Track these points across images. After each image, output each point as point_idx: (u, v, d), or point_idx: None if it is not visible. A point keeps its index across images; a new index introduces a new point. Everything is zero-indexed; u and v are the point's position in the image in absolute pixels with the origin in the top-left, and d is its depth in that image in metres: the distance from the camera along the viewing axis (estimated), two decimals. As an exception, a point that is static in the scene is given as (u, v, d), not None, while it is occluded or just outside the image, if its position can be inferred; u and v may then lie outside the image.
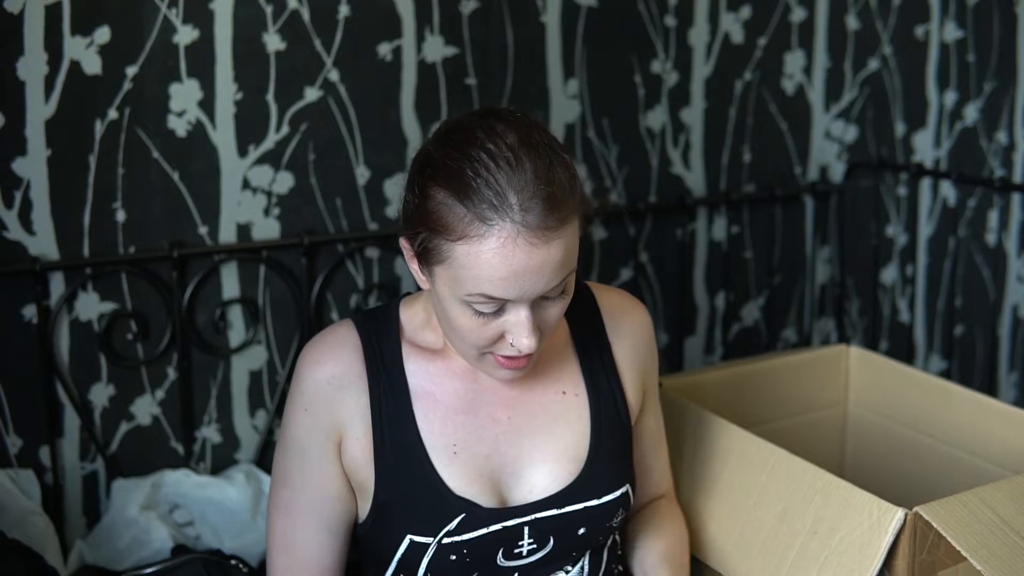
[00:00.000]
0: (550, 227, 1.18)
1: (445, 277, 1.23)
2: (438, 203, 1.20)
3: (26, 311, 1.76)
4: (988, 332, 2.56)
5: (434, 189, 1.21)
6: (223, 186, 1.86)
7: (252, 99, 1.85)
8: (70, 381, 1.80)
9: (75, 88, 1.73)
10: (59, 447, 1.80)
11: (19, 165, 1.71)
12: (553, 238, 1.19)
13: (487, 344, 1.26)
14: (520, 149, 1.19)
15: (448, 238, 1.20)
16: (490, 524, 1.31)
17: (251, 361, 1.93)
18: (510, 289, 1.20)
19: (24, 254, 1.74)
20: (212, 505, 1.82)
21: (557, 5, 2.07)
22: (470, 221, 1.18)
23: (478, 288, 1.20)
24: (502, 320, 1.24)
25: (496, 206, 1.17)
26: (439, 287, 1.26)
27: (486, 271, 1.19)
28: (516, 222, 1.17)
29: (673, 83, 2.21)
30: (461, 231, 1.18)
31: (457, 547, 1.30)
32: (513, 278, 1.19)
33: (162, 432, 1.88)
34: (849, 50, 2.40)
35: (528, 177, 1.18)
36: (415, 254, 1.27)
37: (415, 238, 1.25)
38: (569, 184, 1.21)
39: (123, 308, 1.82)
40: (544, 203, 1.18)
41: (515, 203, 1.17)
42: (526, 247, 1.18)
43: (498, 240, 1.17)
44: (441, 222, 1.20)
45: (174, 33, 1.78)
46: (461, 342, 1.28)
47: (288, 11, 1.85)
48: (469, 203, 1.18)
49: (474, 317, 1.24)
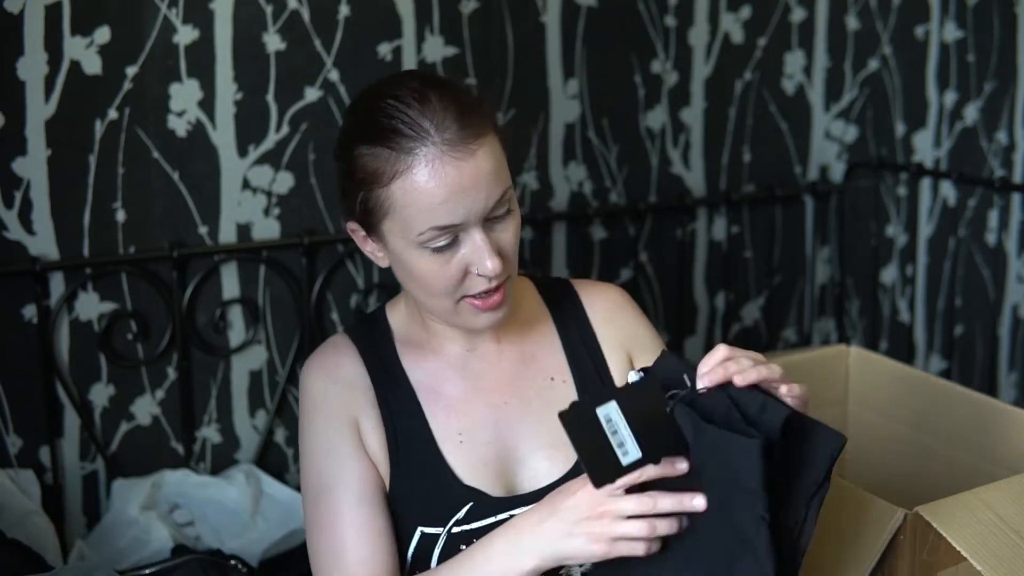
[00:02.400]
0: (469, 139, 1.25)
1: (395, 230, 1.28)
2: (363, 157, 1.27)
3: (26, 311, 1.76)
4: (988, 332, 2.56)
5: (356, 149, 1.28)
6: (223, 186, 1.86)
7: (252, 99, 1.85)
8: (70, 381, 1.80)
9: (75, 88, 1.73)
10: (59, 447, 1.80)
11: (19, 165, 1.72)
12: (476, 149, 1.25)
13: (455, 285, 1.29)
14: (423, 87, 1.28)
15: (381, 184, 1.26)
16: (497, 512, 1.32)
17: (251, 361, 1.93)
18: (455, 210, 1.24)
19: (24, 254, 1.74)
20: (212, 505, 1.82)
21: (557, 5, 2.07)
22: (395, 158, 1.24)
23: (426, 222, 1.25)
24: (461, 254, 1.27)
25: (413, 135, 1.24)
26: (394, 246, 1.30)
27: (426, 199, 1.24)
28: (436, 143, 1.24)
29: (673, 83, 2.21)
30: (391, 171, 1.25)
31: (466, 536, 1.31)
32: (453, 198, 1.24)
33: (162, 432, 1.88)
34: (849, 50, 2.40)
35: (435, 105, 1.26)
36: (361, 226, 1.32)
37: (355, 208, 1.30)
38: (476, 104, 1.29)
39: (123, 308, 1.82)
40: (456, 120, 1.25)
41: (430, 127, 1.24)
42: (453, 163, 1.24)
43: (426, 164, 1.24)
44: (371, 173, 1.26)
45: (174, 33, 1.78)
46: (432, 296, 1.30)
47: (288, 11, 1.85)
48: (389, 143, 1.25)
49: (434, 258, 1.27)
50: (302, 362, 1.90)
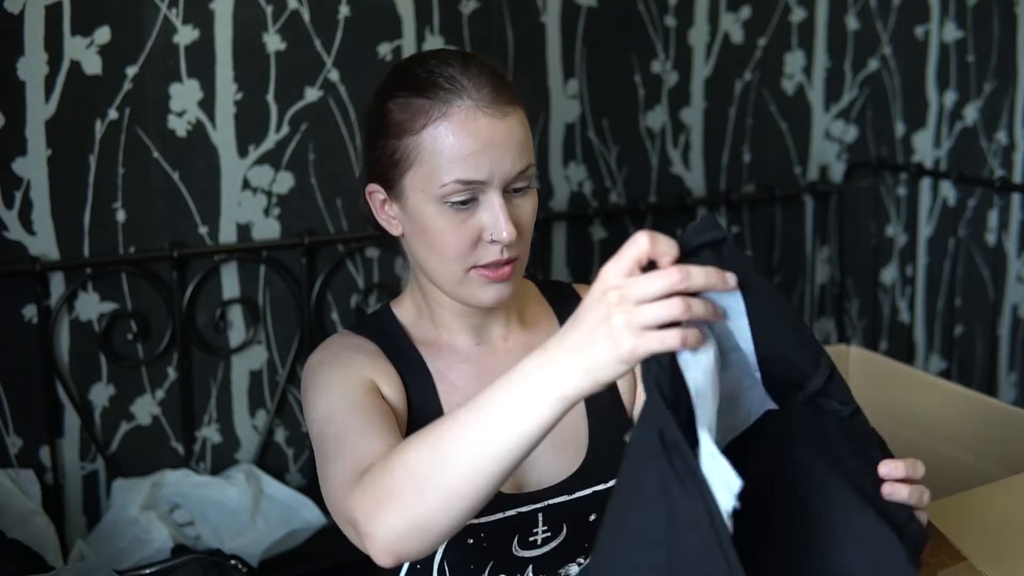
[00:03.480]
0: (503, 102, 1.28)
1: (417, 183, 1.28)
2: (397, 107, 1.29)
3: (26, 311, 1.76)
4: (988, 332, 2.56)
5: (391, 101, 1.30)
6: (223, 186, 1.86)
7: (252, 99, 1.85)
8: (70, 381, 1.80)
9: (75, 88, 1.73)
10: (59, 447, 1.80)
11: (19, 165, 1.71)
12: (509, 113, 1.28)
13: (467, 249, 1.29)
14: (464, 54, 1.33)
15: (413, 132, 1.27)
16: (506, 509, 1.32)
17: (251, 361, 1.93)
18: (482, 165, 1.26)
19: (24, 254, 1.74)
20: (212, 505, 1.82)
21: (557, 5, 2.06)
22: (430, 107, 1.27)
23: (451, 174, 1.26)
24: (477, 217, 1.28)
25: (451, 89, 1.27)
26: (413, 203, 1.30)
27: (456, 149, 1.26)
28: (473, 99, 1.26)
29: (673, 83, 2.21)
30: (424, 119, 1.27)
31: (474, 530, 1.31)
32: (482, 152, 1.26)
33: (162, 432, 1.88)
34: (849, 50, 2.40)
35: (474, 69, 1.29)
36: (382, 184, 1.32)
37: (380, 161, 1.31)
38: (510, 81, 1.32)
39: (123, 308, 1.82)
40: (493, 84, 1.28)
41: (468, 84, 1.27)
42: (486, 120, 1.26)
43: (459, 115, 1.26)
44: (403, 120, 1.28)
45: (174, 33, 1.78)
46: (443, 261, 1.30)
47: (288, 11, 1.85)
48: (426, 93, 1.27)
49: (451, 217, 1.28)
50: (302, 362, 1.91)
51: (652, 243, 0.94)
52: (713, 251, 0.99)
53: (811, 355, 1.04)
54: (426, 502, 1.02)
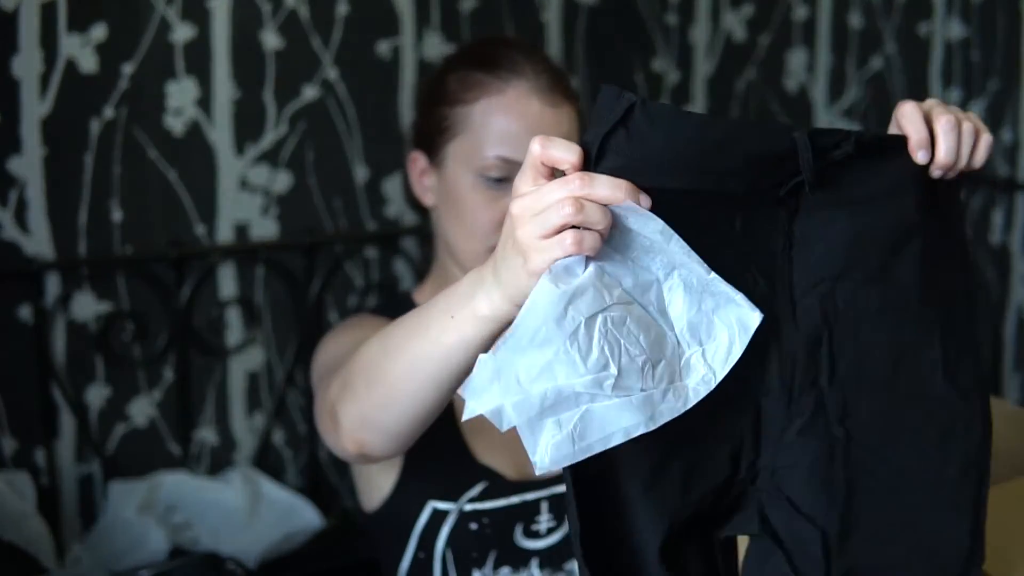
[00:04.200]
0: (559, 93, 1.31)
1: (459, 153, 1.32)
2: (456, 79, 1.34)
3: (21, 312, 1.74)
4: (992, 332, 2.55)
5: (450, 74, 1.35)
6: (220, 185, 1.85)
7: (250, 97, 1.84)
8: (66, 382, 1.78)
9: (71, 86, 1.72)
10: (55, 449, 1.79)
11: (14, 164, 1.70)
12: (562, 105, 1.31)
13: (493, 227, 1.31)
14: (534, 46, 1.41)
15: (466, 102, 1.32)
16: (510, 495, 1.33)
17: (249, 362, 1.92)
18: (524, 146, 1.25)
19: (19, 254, 1.72)
20: (209, 507, 1.81)
21: (557, 3, 2.05)
22: (487, 82, 1.31)
23: (494, 150, 1.29)
24: (508, 199, 1.27)
25: (511, 69, 1.31)
26: (451, 173, 1.33)
27: (504, 125, 1.29)
28: (530, 81, 1.31)
29: (675, 82, 2.20)
30: (479, 91, 1.31)
31: (478, 516, 1.31)
32: (526, 134, 1.26)
33: (159, 434, 1.87)
34: (852, 48, 2.39)
35: (538, 57, 1.34)
36: (425, 152, 1.36)
37: (427, 128, 1.35)
38: (569, 80, 1.37)
39: (120, 308, 1.81)
40: (552, 73, 1.33)
41: (528, 69, 1.31)
42: (539, 105, 1.30)
43: (515, 94, 1.30)
44: (459, 89, 1.32)
45: (171, 31, 1.77)
46: (470, 237, 1.32)
47: (286, 9, 1.84)
48: (487, 67, 1.32)
49: (485, 192, 1.31)
50: (301, 363, 1.91)
51: (544, 149, 0.88)
52: (628, 133, 0.88)
53: None
54: (371, 395, 1.05)
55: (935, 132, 0.94)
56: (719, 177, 0.91)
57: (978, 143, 0.97)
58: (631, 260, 0.88)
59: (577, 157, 0.87)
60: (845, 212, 0.95)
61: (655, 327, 0.88)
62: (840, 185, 0.95)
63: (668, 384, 0.87)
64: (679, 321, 0.89)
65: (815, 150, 0.91)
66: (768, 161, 0.92)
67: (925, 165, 0.95)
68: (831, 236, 0.96)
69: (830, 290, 0.96)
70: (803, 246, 0.95)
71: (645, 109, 0.87)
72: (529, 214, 0.87)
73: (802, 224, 0.95)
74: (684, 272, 0.89)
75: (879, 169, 0.96)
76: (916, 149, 0.95)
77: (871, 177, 0.96)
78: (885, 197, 0.96)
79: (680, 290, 0.89)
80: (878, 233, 0.97)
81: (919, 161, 0.95)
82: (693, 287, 0.88)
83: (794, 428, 0.97)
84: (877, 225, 0.97)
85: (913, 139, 0.95)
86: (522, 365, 0.84)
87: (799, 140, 0.91)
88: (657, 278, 0.89)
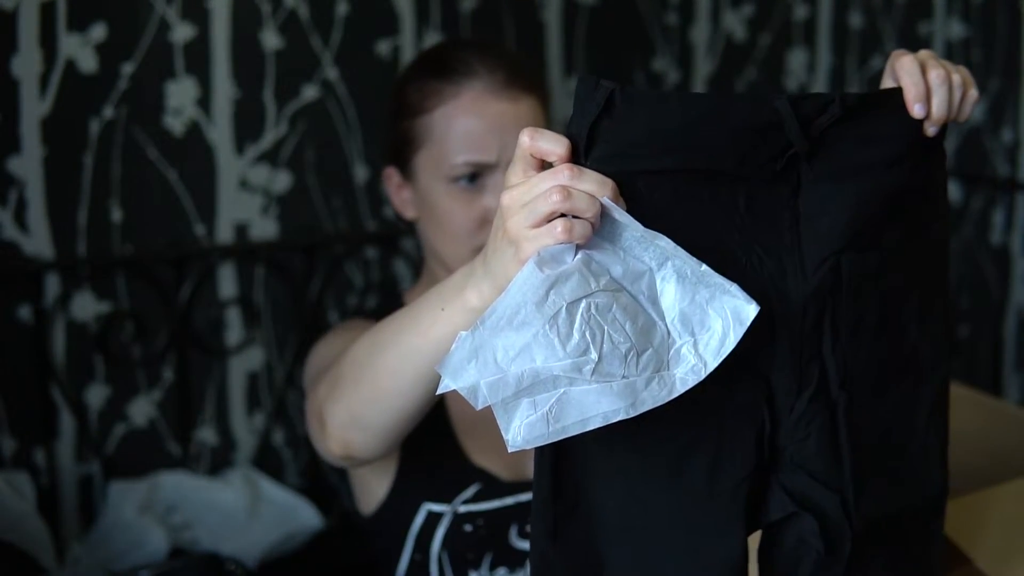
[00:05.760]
0: (516, 88, 1.31)
1: (427, 163, 1.33)
2: (412, 89, 1.34)
3: (21, 311, 1.74)
4: (993, 333, 2.55)
5: (409, 84, 1.35)
6: (220, 185, 1.85)
7: (249, 97, 1.84)
8: (65, 382, 1.78)
9: (71, 86, 1.71)
10: (54, 449, 1.79)
11: (14, 164, 1.70)
12: (521, 98, 1.31)
13: (474, 228, 1.31)
14: (485, 43, 1.39)
15: (425, 111, 1.32)
16: (505, 496, 1.33)
17: (249, 362, 1.92)
18: (490, 147, 1.29)
19: (19, 254, 1.72)
20: (209, 507, 1.81)
21: (557, 3, 2.05)
22: (442, 89, 1.31)
23: (459, 155, 1.29)
24: (484, 199, 1.31)
25: (465, 71, 1.31)
26: (423, 184, 1.34)
27: (465, 129, 1.29)
28: (485, 82, 1.30)
29: (675, 81, 2.20)
30: (436, 99, 1.31)
31: (472, 517, 1.31)
32: (491, 134, 1.28)
33: (159, 434, 1.87)
34: (852, 48, 2.39)
35: (491, 54, 1.34)
36: (396, 166, 1.37)
37: (394, 143, 1.36)
38: (530, 68, 1.36)
39: (119, 308, 1.81)
40: (509, 68, 1.32)
41: (481, 69, 1.31)
42: (497, 102, 1.30)
43: (471, 96, 1.30)
44: (416, 101, 1.33)
45: (171, 30, 1.77)
46: (452, 240, 1.33)
47: (286, 9, 1.84)
48: (440, 76, 1.32)
49: (458, 197, 1.31)
50: (301, 363, 1.91)
51: (532, 140, 0.89)
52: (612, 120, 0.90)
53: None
54: (359, 392, 1.05)
55: (929, 85, 0.95)
56: (709, 154, 0.91)
57: (965, 97, 0.99)
58: (623, 250, 0.89)
59: (565, 149, 0.89)
60: (845, 182, 0.96)
61: (644, 315, 0.88)
62: (836, 154, 0.95)
63: (653, 373, 0.87)
64: (671, 311, 0.89)
65: (801, 118, 0.91)
66: (755, 133, 0.92)
67: (918, 121, 0.96)
68: (834, 208, 0.96)
69: (837, 261, 0.96)
70: (809, 220, 0.95)
71: (624, 95, 0.89)
72: (519, 204, 0.87)
73: (805, 198, 0.95)
74: (678, 263, 0.89)
75: (872, 131, 0.96)
76: (913, 103, 0.95)
77: (865, 143, 0.96)
78: (881, 163, 0.97)
79: (673, 280, 0.89)
80: (876, 200, 0.97)
81: (915, 115, 0.95)
82: (687, 278, 0.88)
83: (804, 399, 0.98)
84: (876, 192, 0.97)
85: (911, 92, 0.95)
86: (500, 345, 0.84)
87: (782, 108, 0.91)
88: (650, 268, 0.89)
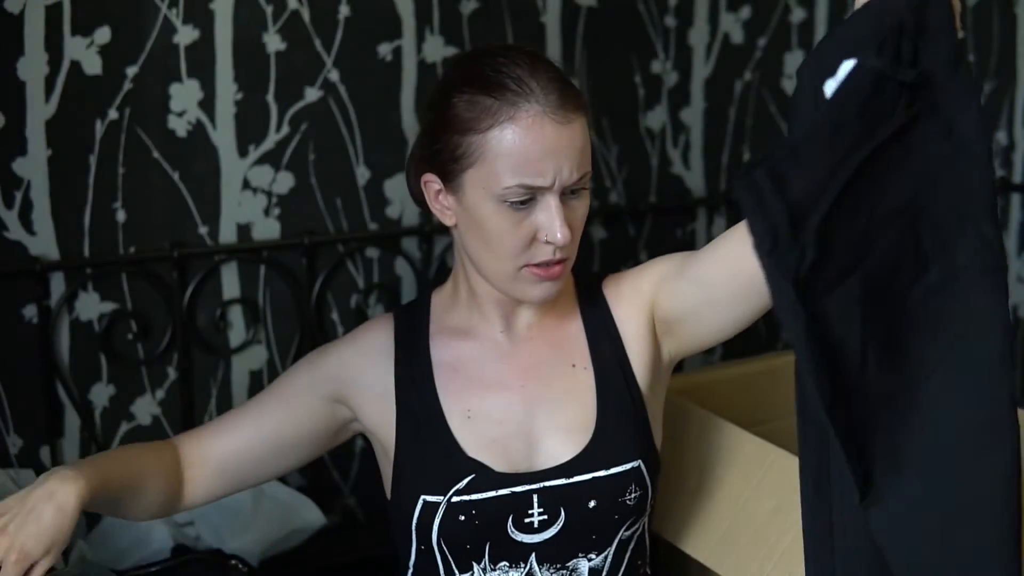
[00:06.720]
0: (569, 108, 1.29)
1: (478, 180, 1.30)
2: (464, 104, 1.29)
3: (27, 311, 1.76)
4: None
5: (456, 96, 1.30)
6: (223, 186, 1.86)
7: (252, 99, 1.85)
8: (70, 381, 1.80)
9: (75, 88, 1.73)
10: (59, 447, 1.80)
11: (19, 165, 1.71)
12: (574, 119, 1.29)
13: (521, 249, 1.31)
14: (533, 55, 1.33)
15: (478, 131, 1.28)
16: (499, 488, 1.35)
17: (251, 361, 1.93)
18: (545, 171, 1.27)
19: (24, 254, 1.74)
20: (212, 505, 1.81)
21: (557, 5, 2.06)
22: (498, 108, 1.27)
23: (514, 178, 1.27)
24: (533, 218, 1.30)
25: (519, 91, 1.27)
26: (471, 199, 1.31)
27: (520, 154, 1.27)
28: (540, 103, 1.27)
29: (673, 83, 2.21)
30: (491, 119, 1.28)
31: (466, 507, 1.33)
32: (546, 158, 1.27)
33: (162, 432, 1.88)
34: (849, 50, 2.40)
35: (542, 72, 1.30)
36: (440, 176, 1.34)
37: (439, 155, 1.32)
38: (575, 87, 1.34)
39: (123, 308, 1.82)
40: (560, 89, 1.30)
41: (536, 88, 1.28)
42: (553, 125, 1.27)
43: (527, 119, 1.27)
44: (469, 118, 1.29)
45: (174, 33, 1.78)
46: (497, 258, 1.32)
47: (288, 11, 1.85)
48: (494, 92, 1.28)
49: (508, 216, 1.30)
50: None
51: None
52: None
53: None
54: None
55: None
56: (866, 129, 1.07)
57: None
58: None
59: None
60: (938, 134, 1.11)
61: None
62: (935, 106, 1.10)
63: None
64: None
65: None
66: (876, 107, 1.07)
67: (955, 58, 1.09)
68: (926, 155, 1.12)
69: None
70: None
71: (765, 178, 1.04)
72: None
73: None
74: None
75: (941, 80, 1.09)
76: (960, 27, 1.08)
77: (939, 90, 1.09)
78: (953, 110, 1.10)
79: None
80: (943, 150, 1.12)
81: (960, 36, 1.09)
82: None
83: None
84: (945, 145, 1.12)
85: (959, 14, 1.08)
86: None
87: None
88: None
